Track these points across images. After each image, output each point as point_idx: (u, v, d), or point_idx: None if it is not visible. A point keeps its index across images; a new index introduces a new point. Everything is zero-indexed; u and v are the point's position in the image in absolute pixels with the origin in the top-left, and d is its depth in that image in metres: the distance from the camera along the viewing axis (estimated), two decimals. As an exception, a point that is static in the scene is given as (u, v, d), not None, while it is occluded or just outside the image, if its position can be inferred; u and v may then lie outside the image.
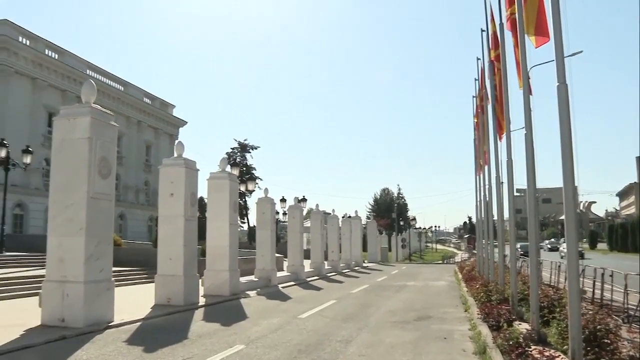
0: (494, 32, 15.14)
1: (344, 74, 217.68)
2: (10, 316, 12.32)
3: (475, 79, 23.65)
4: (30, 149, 30.75)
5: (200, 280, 17.10)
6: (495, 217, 20.41)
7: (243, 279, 21.28)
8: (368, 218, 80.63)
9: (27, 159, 30.16)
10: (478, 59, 21.68)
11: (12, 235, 35.17)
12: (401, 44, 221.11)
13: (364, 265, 47.39)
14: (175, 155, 16.72)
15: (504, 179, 13.77)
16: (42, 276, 11.85)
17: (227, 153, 65.05)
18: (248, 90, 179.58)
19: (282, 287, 23.33)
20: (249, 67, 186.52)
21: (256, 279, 23.09)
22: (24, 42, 43.52)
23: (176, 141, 22.97)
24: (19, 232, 40.74)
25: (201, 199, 30.99)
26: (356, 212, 52.10)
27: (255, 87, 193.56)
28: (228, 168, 21.42)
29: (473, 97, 25.22)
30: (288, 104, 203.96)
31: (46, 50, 45.71)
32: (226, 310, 15.25)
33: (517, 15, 9.84)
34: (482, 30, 18.86)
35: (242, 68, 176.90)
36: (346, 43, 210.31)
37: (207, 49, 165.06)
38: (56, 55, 46.58)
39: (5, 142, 29.35)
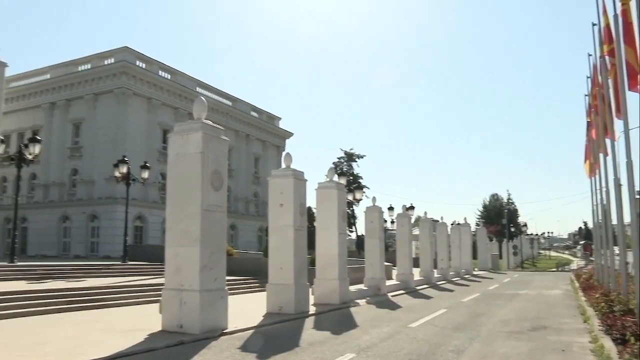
0: (607, 25, 14.36)
1: (449, 78, 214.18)
2: (134, 321, 13.08)
3: (588, 77, 22.54)
4: (147, 164, 32.60)
5: (310, 289, 17.30)
6: (615, 222, 19.31)
7: (352, 288, 21.33)
8: (477, 225, 78.58)
9: (145, 174, 31.97)
10: (589, 55, 20.65)
11: (133, 246, 37.29)
12: (506, 45, 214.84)
13: (474, 273, 46.26)
14: (284, 166, 17.08)
15: (624, 181, 12.98)
16: (162, 284, 12.44)
17: (333, 163, 66.16)
18: (353, 100, 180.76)
19: (392, 296, 23.18)
20: (353, 76, 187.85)
21: (365, 288, 23.08)
22: (141, 65, 46.47)
23: (284, 153, 23.49)
24: (139, 243, 43.13)
25: (309, 208, 31.47)
26: (465, 219, 50.87)
27: (359, 96, 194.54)
28: (335, 177, 21.62)
29: (585, 95, 24.04)
30: (393, 111, 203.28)
31: (160, 72, 48.45)
32: (336, 318, 15.33)
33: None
34: (593, 24, 17.95)
35: (347, 77, 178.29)
36: (450, 47, 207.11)
37: (309, 60, 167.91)
38: (169, 76, 49.27)
39: (126, 159, 31.27)
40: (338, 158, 66.96)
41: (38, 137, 26.44)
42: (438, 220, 41.29)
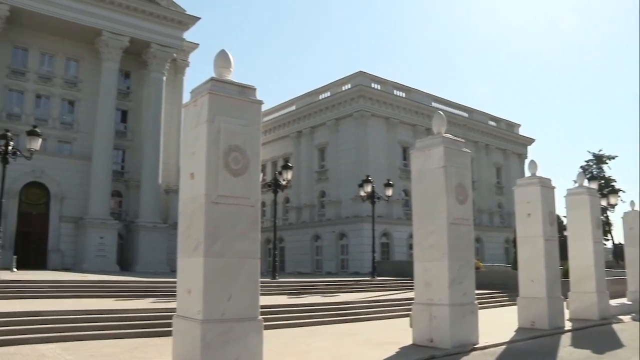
0: None
1: None
2: (386, 334, 13.44)
3: None
4: (390, 182, 33.51)
5: (564, 303, 16.28)
6: None
7: (613, 302, 19.55)
8: None
9: (389, 192, 32.87)
10: None
11: (380, 262, 38.39)
12: None
13: None
14: (529, 174, 16.39)
15: None
16: (410, 299, 12.63)
17: (581, 166, 62.24)
18: (592, 99, 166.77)
19: (664, 312, 20.75)
20: (590, 73, 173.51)
21: (629, 302, 20.97)
22: (376, 87, 48.30)
23: (527, 160, 22.53)
24: (386, 259, 44.29)
25: (559, 217, 29.67)
26: None
27: (599, 93, 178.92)
28: (586, 182, 20.14)
29: None
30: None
31: (394, 91, 49.77)
32: (596, 336, 14.19)
33: None
34: None
35: (581, 75, 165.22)
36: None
37: (539, 60, 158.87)
38: (403, 94, 50.34)
39: (370, 178, 32.52)
40: (586, 161, 62.87)
41: (289, 164, 28.91)
42: None
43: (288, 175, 27.65)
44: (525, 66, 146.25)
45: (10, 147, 22.50)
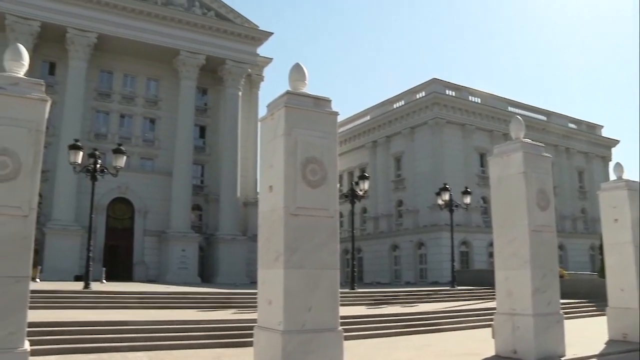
0: None
1: None
2: (467, 345, 13.20)
3: None
4: (468, 189, 32.96)
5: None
6: None
7: None
8: None
9: (467, 200, 32.36)
10: None
11: (460, 271, 37.77)
12: None
13: None
14: (614, 177, 15.71)
15: None
16: (491, 308, 12.35)
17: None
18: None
19: None
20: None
21: None
22: (451, 94, 47.75)
23: (612, 163, 21.59)
24: (465, 268, 43.52)
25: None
26: None
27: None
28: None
29: None
30: None
31: (469, 97, 49.01)
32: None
33: None
34: None
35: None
36: None
37: (624, 60, 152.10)
38: (479, 100, 49.48)
39: (447, 186, 32.11)
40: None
41: (366, 174, 28.99)
42: None
43: (365, 185, 27.76)
44: (606, 64, 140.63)
45: (98, 165, 23.63)
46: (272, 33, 47.57)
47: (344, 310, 12.84)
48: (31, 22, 39.27)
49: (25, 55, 7.56)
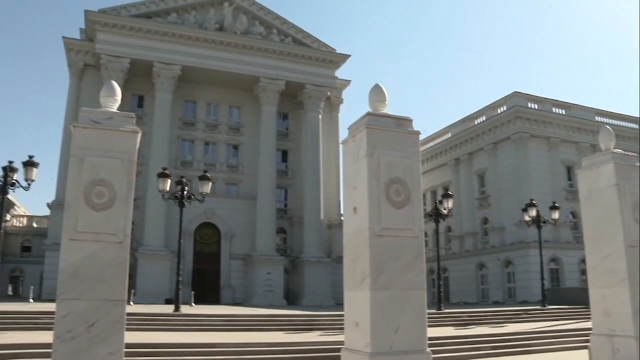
0: None
1: None
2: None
3: None
4: (556, 204, 31.81)
5: None
6: None
7: None
8: None
9: (555, 215, 31.20)
10: None
11: (550, 289, 36.40)
12: None
13: None
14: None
15: None
16: (586, 329, 11.83)
17: None
18: None
19: None
20: None
21: None
22: (533, 107, 46.42)
23: None
24: (556, 286, 41.85)
25: None
26: None
27: None
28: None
29: None
30: None
31: (553, 109, 47.47)
32: None
33: None
34: None
35: None
36: None
37: None
38: (563, 111, 47.83)
39: (533, 201, 31.17)
40: None
41: (450, 193, 28.59)
42: None
43: (449, 203, 27.40)
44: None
45: (185, 192, 24.44)
46: (349, 55, 48.04)
47: (432, 331, 12.61)
48: (122, 60, 41.84)
49: (118, 91, 7.97)
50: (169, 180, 24.75)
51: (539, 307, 29.52)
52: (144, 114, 43.02)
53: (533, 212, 30.68)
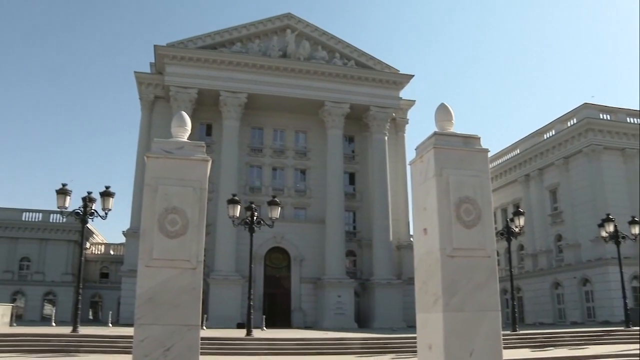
0: None
1: None
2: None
3: None
4: (635, 218, 30.42)
5: None
6: None
7: None
8: None
9: (635, 230, 29.83)
10: None
11: (635, 309, 34.67)
12: None
13: None
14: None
15: None
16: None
17: None
18: None
19: None
20: None
21: None
22: (605, 117, 44.78)
23: None
24: (638, 305, 39.87)
25: None
26: None
27: None
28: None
29: None
30: None
31: (627, 119, 45.60)
32: None
33: None
34: None
35: None
36: None
37: None
38: (637, 120, 45.85)
39: (610, 216, 29.98)
40: None
41: (521, 210, 27.90)
42: None
43: (520, 221, 26.80)
44: None
45: (255, 217, 24.80)
46: (413, 75, 47.95)
47: (507, 354, 12.27)
48: (190, 90, 43.35)
49: (188, 122, 8.22)
50: (239, 206, 25.21)
51: (622, 327, 28.19)
52: (212, 142, 44.17)
53: (610, 228, 29.49)
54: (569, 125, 45.99)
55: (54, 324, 34.50)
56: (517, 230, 26.84)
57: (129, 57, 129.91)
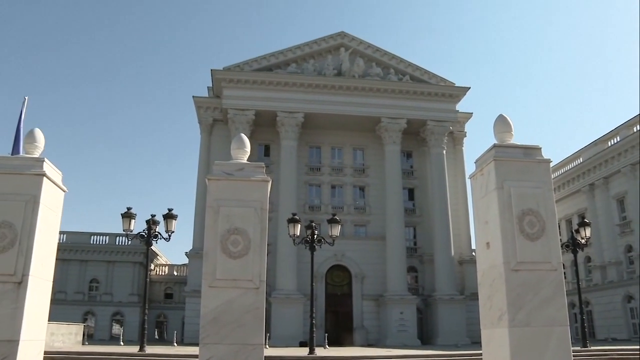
0: None
1: None
2: None
3: None
4: None
5: None
6: None
7: None
8: None
9: None
10: None
11: None
12: None
13: None
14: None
15: None
16: None
17: None
18: None
19: None
20: None
21: None
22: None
23: None
24: None
25: None
26: None
27: None
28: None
29: None
30: None
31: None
32: None
33: None
34: None
35: None
36: None
37: None
38: None
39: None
40: None
41: (586, 220, 27.04)
42: None
43: (587, 232, 25.98)
44: None
45: (315, 236, 24.89)
46: (469, 88, 47.37)
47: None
48: (247, 112, 44.17)
49: (247, 143, 8.38)
50: (299, 225, 25.36)
51: None
52: (270, 162, 44.71)
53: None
54: (635, 130, 44.33)
55: (122, 342, 35.40)
56: (583, 241, 26.04)
57: (187, 82, 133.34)
